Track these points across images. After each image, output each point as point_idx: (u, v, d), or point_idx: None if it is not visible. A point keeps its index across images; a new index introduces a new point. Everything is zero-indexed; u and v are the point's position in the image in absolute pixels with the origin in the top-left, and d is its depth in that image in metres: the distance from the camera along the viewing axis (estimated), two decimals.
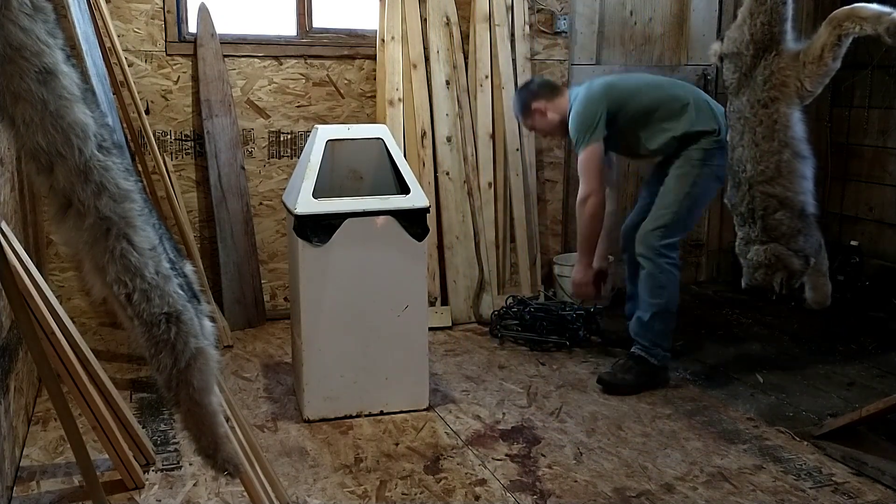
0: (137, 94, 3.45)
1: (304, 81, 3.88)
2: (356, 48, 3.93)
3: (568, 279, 3.53)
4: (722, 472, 2.46)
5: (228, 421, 1.89)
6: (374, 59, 3.92)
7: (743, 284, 2.87)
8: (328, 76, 3.90)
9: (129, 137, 3.51)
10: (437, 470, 2.47)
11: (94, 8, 3.31)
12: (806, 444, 2.64)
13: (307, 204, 2.69)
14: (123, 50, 3.49)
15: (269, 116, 3.86)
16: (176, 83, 3.71)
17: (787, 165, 2.65)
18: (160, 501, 2.25)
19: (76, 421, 1.96)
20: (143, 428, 2.55)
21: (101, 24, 3.34)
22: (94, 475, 1.97)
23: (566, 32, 4.17)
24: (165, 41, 3.65)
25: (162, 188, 3.55)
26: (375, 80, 3.93)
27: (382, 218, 2.75)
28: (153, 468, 2.42)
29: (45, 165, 1.54)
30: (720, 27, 4.36)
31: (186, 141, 3.76)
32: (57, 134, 1.51)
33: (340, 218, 2.71)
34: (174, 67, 3.69)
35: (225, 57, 3.72)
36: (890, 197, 4.30)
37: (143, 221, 1.64)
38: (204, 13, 3.65)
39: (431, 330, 3.35)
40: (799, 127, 2.67)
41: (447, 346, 3.60)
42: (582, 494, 2.32)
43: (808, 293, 2.89)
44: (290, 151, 3.91)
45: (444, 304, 3.90)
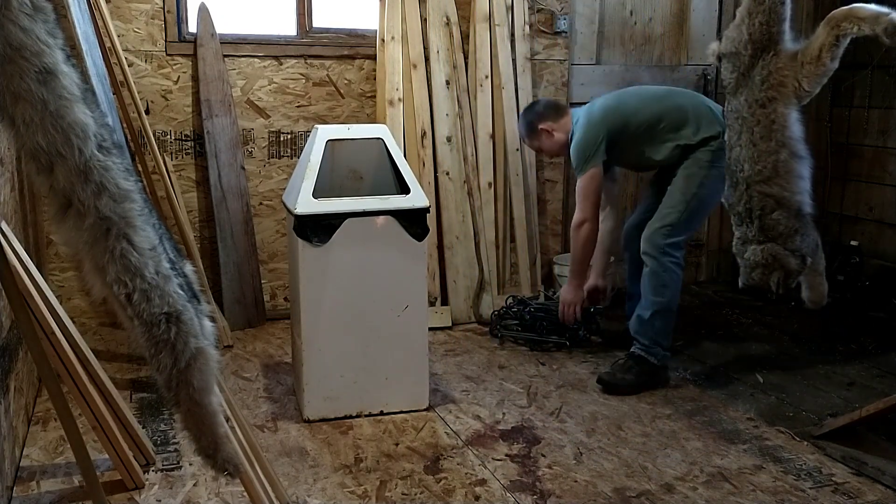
0: (137, 94, 3.45)
1: (304, 81, 3.88)
2: (356, 48, 3.93)
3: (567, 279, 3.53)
4: (722, 472, 2.46)
5: (228, 421, 1.89)
6: (374, 59, 3.92)
7: (740, 284, 2.88)
8: (328, 76, 3.91)
9: (129, 137, 3.51)
10: (437, 470, 2.47)
11: (94, 8, 3.31)
12: (806, 444, 2.64)
13: (307, 204, 2.69)
14: (123, 50, 3.49)
15: (269, 116, 3.86)
16: (176, 83, 3.71)
17: (784, 165, 2.66)
18: (160, 501, 2.25)
19: (76, 421, 1.96)
20: (143, 428, 2.55)
21: (101, 24, 3.34)
22: (94, 475, 1.97)
23: (566, 32, 4.16)
24: (165, 41, 3.65)
25: (162, 188, 3.55)
26: (375, 80, 3.93)
27: (382, 218, 2.76)
28: (153, 468, 2.42)
29: (45, 165, 1.54)
30: (720, 27, 4.36)
31: (186, 141, 3.76)
32: (57, 134, 1.51)
33: (340, 218, 2.71)
34: (174, 67, 3.69)
35: (225, 57, 3.72)
36: (890, 197, 4.30)
37: (143, 221, 1.64)
38: (204, 13, 3.65)
39: (431, 330, 3.35)
40: (796, 127, 2.68)
41: (447, 346, 3.60)
42: (582, 494, 2.32)
43: (804, 292, 2.90)
44: (290, 151, 3.91)
45: (444, 304, 3.90)
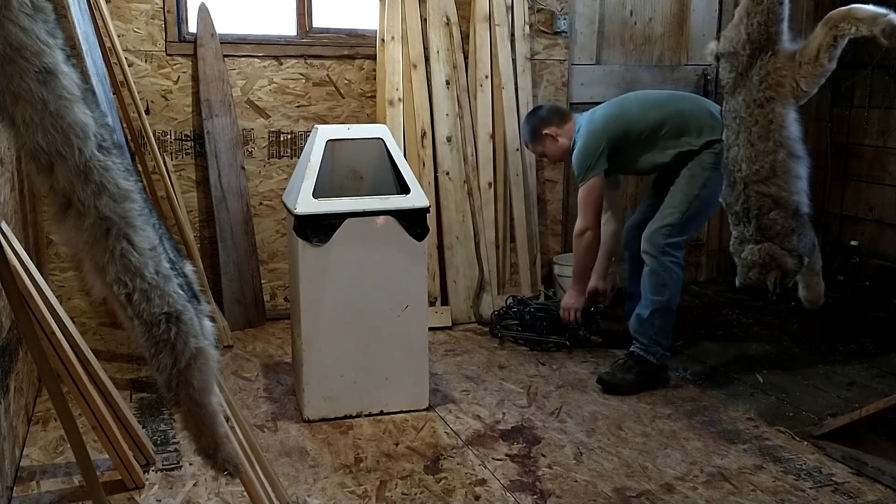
0: (137, 94, 3.45)
1: (304, 81, 3.88)
2: (356, 48, 3.93)
3: (568, 279, 3.54)
4: (722, 472, 2.46)
5: (228, 421, 1.89)
6: (374, 59, 3.92)
7: (737, 283, 2.89)
8: (328, 76, 3.90)
9: (129, 137, 3.51)
10: (437, 470, 2.47)
11: (94, 8, 3.31)
12: (806, 444, 2.64)
13: (307, 204, 2.69)
14: (123, 50, 3.49)
15: (269, 116, 3.86)
16: (176, 83, 3.71)
17: (781, 165, 2.66)
18: (160, 501, 2.25)
19: (76, 421, 1.96)
20: (143, 428, 2.55)
21: (101, 24, 3.34)
22: (94, 475, 1.97)
23: (566, 32, 4.16)
24: (165, 41, 3.65)
25: (162, 188, 3.55)
26: (375, 80, 3.93)
27: (382, 218, 2.76)
28: (153, 468, 2.42)
29: (45, 165, 1.54)
30: (720, 27, 4.35)
31: (186, 141, 3.76)
32: (57, 134, 1.51)
33: (340, 218, 2.71)
34: (174, 67, 3.69)
35: (225, 57, 3.72)
36: (890, 197, 4.30)
37: (143, 221, 1.64)
38: (204, 13, 3.65)
39: (431, 330, 3.35)
40: (794, 127, 2.68)
41: (447, 346, 3.60)
42: (582, 494, 2.32)
43: (801, 292, 2.90)
44: (290, 151, 3.91)
45: (444, 304, 3.90)
